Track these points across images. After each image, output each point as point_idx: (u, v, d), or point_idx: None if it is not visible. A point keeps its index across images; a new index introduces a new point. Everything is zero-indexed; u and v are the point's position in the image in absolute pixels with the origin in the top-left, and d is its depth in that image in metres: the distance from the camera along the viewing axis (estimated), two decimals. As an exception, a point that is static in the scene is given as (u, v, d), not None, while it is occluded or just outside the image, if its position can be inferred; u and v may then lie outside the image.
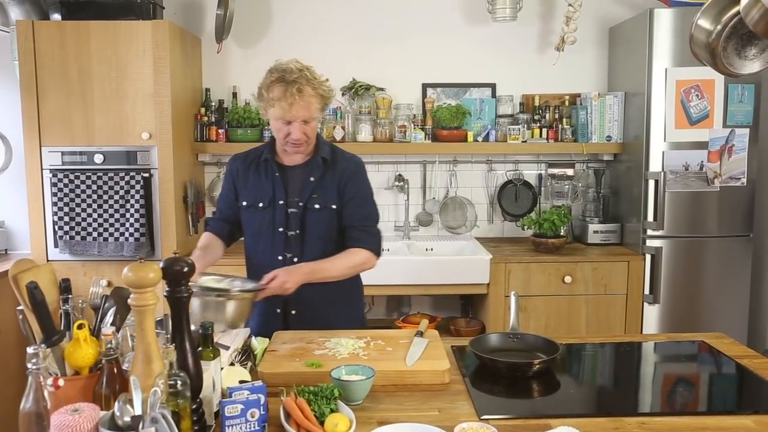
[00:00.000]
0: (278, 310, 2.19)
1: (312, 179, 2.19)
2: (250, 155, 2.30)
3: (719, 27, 1.91)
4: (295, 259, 2.17)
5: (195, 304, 1.89)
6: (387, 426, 1.45)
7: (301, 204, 2.17)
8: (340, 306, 2.25)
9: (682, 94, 3.34)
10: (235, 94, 3.80)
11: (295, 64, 2.11)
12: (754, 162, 3.41)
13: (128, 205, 3.25)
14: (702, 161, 3.38)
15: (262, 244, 2.22)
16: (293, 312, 2.19)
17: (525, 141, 3.73)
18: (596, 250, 3.58)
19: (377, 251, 2.22)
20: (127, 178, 3.24)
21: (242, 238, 2.34)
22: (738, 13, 1.80)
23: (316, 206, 2.17)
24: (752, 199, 3.44)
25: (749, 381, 1.83)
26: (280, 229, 2.18)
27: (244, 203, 2.23)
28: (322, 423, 1.45)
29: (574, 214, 3.88)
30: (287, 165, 2.22)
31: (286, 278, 2.01)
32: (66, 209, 3.24)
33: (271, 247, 2.19)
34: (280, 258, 2.18)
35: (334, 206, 2.19)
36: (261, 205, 2.19)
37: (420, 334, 2.00)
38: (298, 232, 2.17)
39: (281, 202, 2.18)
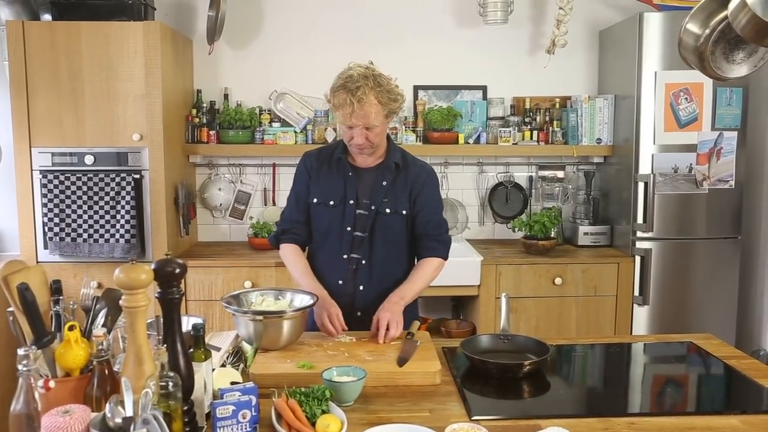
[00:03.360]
0: (340, 282, 2.20)
1: (384, 183, 2.19)
2: (322, 153, 2.28)
3: (707, 31, 1.94)
4: (363, 261, 2.18)
5: (249, 326, 1.89)
6: (378, 427, 1.46)
7: (373, 207, 2.18)
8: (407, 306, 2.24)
9: (671, 97, 3.37)
10: (226, 96, 3.80)
11: (361, 70, 2.08)
12: (742, 164, 3.44)
13: (119, 207, 3.24)
14: (691, 164, 3.41)
15: (329, 242, 2.22)
16: (359, 314, 2.20)
17: (516, 143, 3.74)
18: (586, 252, 3.60)
19: (447, 257, 2.26)
20: (117, 179, 3.23)
21: None
22: (726, 17, 1.82)
23: (387, 210, 2.18)
24: (740, 202, 3.47)
25: (737, 381, 1.85)
26: (348, 229, 2.18)
27: (315, 200, 2.22)
28: (313, 424, 1.45)
29: (565, 216, 3.89)
30: (360, 167, 2.23)
31: (392, 315, 2.01)
32: (56, 210, 3.23)
33: (338, 246, 2.20)
34: (345, 257, 2.19)
35: (404, 212, 2.20)
36: (332, 203, 2.20)
37: (411, 335, 2.01)
38: (367, 234, 2.18)
39: (351, 202, 2.18)
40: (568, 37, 3.66)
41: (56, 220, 3.23)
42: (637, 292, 3.46)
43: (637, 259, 3.45)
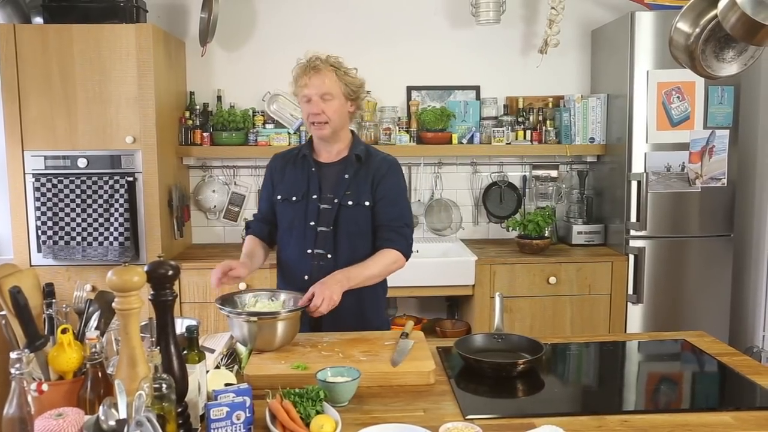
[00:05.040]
0: (306, 277, 2.19)
1: (346, 176, 2.21)
2: (289, 153, 2.35)
3: (698, 30, 1.95)
4: (329, 256, 2.18)
5: (245, 328, 1.88)
6: (372, 427, 1.46)
7: (336, 201, 2.19)
8: (370, 308, 2.26)
9: (664, 96, 3.38)
10: (219, 98, 3.79)
11: (323, 53, 2.21)
12: (734, 163, 3.46)
13: (112, 209, 3.23)
14: (683, 162, 3.42)
15: (293, 238, 2.24)
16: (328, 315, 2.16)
17: (509, 143, 3.75)
18: (580, 251, 3.61)
19: (407, 252, 2.23)
20: (111, 182, 3.23)
21: None
22: (716, 16, 1.83)
23: (350, 203, 2.19)
24: (732, 200, 3.49)
25: (730, 378, 1.85)
26: (311, 224, 2.20)
27: (279, 197, 2.27)
28: (307, 425, 1.45)
29: (558, 215, 3.90)
30: (323, 162, 2.26)
31: (329, 292, 1.98)
32: (49, 214, 3.22)
33: (302, 241, 2.21)
34: (309, 251, 2.19)
35: (367, 203, 2.20)
36: (294, 198, 2.23)
37: (405, 335, 2.01)
38: (330, 228, 2.18)
39: (314, 196, 2.21)
40: (560, 36, 3.68)
41: (49, 223, 3.22)
42: (630, 291, 3.47)
43: (631, 257, 3.46)
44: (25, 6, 3.37)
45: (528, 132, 3.79)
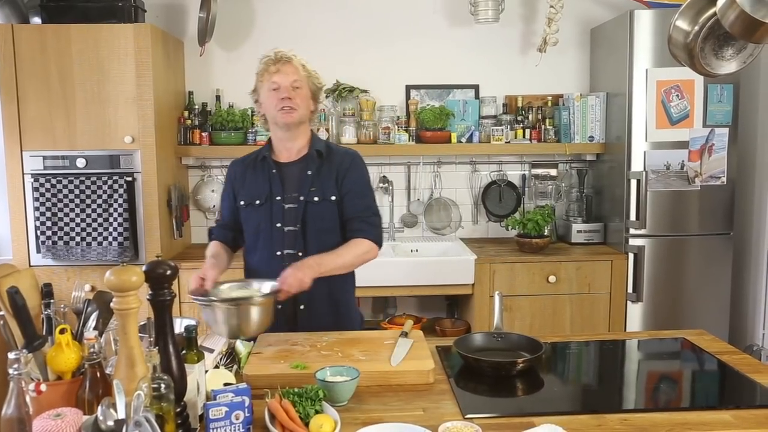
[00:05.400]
0: (278, 306, 2.13)
1: (309, 172, 2.20)
2: (248, 158, 2.33)
3: (696, 28, 1.95)
4: (300, 254, 2.16)
5: (219, 315, 1.89)
6: (372, 426, 1.46)
7: (301, 198, 2.18)
8: (347, 299, 2.28)
9: (663, 95, 3.38)
10: (218, 97, 3.79)
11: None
12: (734, 161, 3.46)
13: (111, 210, 3.23)
14: (683, 161, 3.42)
15: (260, 241, 2.22)
16: (302, 307, 2.18)
17: (508, 142, 3.75)
18: (580, 250, 3.61)
19: (378, 241, 2.23)
20: (110, 182, 3.22)
21: None
22: (715, 14, 1.83)
23: (316, 199, 2.18)
24: (732, 198, 3.49)
25: (730, 377, 1.85)
26: (278, 225, 2.19)
27: (242, 203, 2.25)
28: (307, 424, 1.45)
29: (558, 214, 3.90)
30: (284, 162, 2.24)
31: (300, 274, 1.99)
32: (48, 214, 3.22)
33: (270, 244, 2.19)
34: (278, 254, 2.18)
35: (333, 198, 2.19)
36: (258, 202, 2.21)
37: (405, 334, 2.01)
38: (298, 227, 2.17)
39: (278, 198, 2.19)
40: (559, 35, 3.67)
41: (48, 223, 3.22)
42: (630, 289, 3.46)
43: (630, 256, 3.46)
44: (23, 6, 3.37)
45: (527, 131, 3.79)
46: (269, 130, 2.28)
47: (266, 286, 2.04)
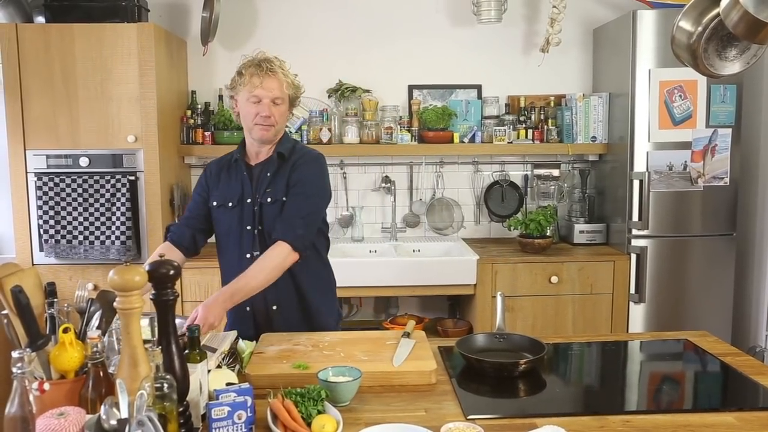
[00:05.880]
0: (247, 308, 2.17)
1: (268, 174, 2.19)
2: (223, 159, 2.32)
3: (700, 29, 1.94)
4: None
5: None
6: (374, 427, 1.46)
7: (259, 200, 2.17)
8: (320, 297, 2.26)
9: (666, 95, 3.37)
10: (221, 97, 3.79)
11: (270, 54, 2.23)
12: (737, 161, 3.45)
13: (114, 209, 3.23)
14: (686, 161, 3.41)
15: (231, 244, 2.22)
16: (275, 307, 2.18)
17: (511, 142, 3.75)
18: (582, 250, 3.60)
19: (296, 244, 2.06)
20: (112, 181, 3.23)
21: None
22: (718, 14, 1.83)
23: (269, 200, 2.16)
24: (735, 199, 3.48)
25: (733, 379, 1.85)
26: (248, 227, 2.18)
27: (215, 203, 2.24)
28: (309, 424, 1.45)
29: (560, 214, 3.90)
30: (253, 164, 2.24)
31: (205, 313, 1.87)
32: (51, 213, 3.22)
33: (238, 246, 2.19)
34: (248, 256, 2.16)
35: (284, 198, 2.16)
36: (230, 204, 2.20)
37: (407, 335, 2.01)
38: (260, 228, 2.17)
39: (249, 200, 2.18)
40: (562, 35, 3.67)
41: (51, 222, 3.22)
42: (633, 290, 3.46)
43: (633, 256, 3.46)
44: (27, 5, 3.38)
45: (530, 131, 3.78)
46: (240, 123, 2.25)
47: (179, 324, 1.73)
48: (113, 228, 3.23)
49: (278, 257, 2.05)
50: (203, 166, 3.81)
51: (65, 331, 1.39)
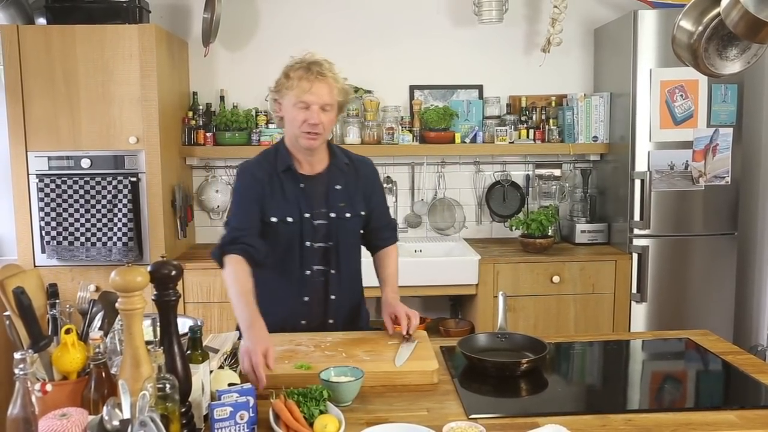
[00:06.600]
0: (306, 299, 2.11)
1: (338, 187, 2.12)
2: (263, 165, 2.12)
3: (700, 28, 1.94)
4: (332, 271, 2.12)
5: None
6: (376, 426, 1.46)
7: (332, 215, 2.09)
8: (361, 296, 2.29)
9: (667, 95, 3.37)
10: (222, 98, 3.79)
11: (320, 56, 2.07)
12: (738, 161, 3.45)
13: (116, 210, 3.23)
14: (687, 161, 3.41)
15: (289, 259, 2.09)
16: (333, 297, 2.15)
17: (512, 142, 3.75)
18: (584, 250, 3.60)
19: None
20: (114, 182, 3.23)
21: None
22: (719, 14, 1.83)
23: (347, 215, 2.12)
24: (736, 198, 3.48)
25: (734, 377, 1.85)
26: (307, 243, 2.08)
27: (274, 219, 2.06)
28: (311, 424, 1.45)
29: (562, 214, 3.90)
30: (308, 174, 2.11)
31: (409, 310, 2.03)
32: (53, 214, 3.23)
33: (299, 262, 2.09)
34: (308, 273, 2.10)
35: (363, 213, 2.17)
36: (290, 219, 2.07)
37: (409, 335, 2.01)
38: (331, 243, 2.10)
39: (307, 215, 2.07)
40: (563, 35, 3.67)
41: (53, 224, 3.23)
42: (634, 290, 3.46)
43: (635, 256, 3.45)
44: (28, 7, 3.38)
45: (531, 131, 3.78)
46: (281, 127, 2.14)
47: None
48: (115, 229, 3.23)
49: (396, 257, 2.27)
50: (205, 167, 3.84)
51: (67, 332, 1.40)
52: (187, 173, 3.81)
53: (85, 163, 3.25)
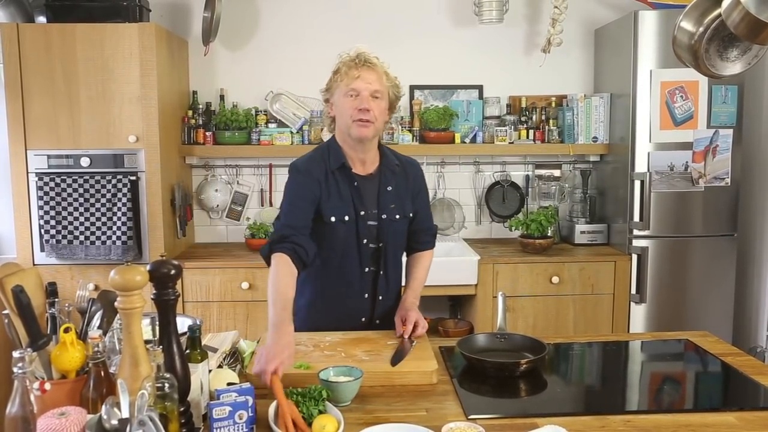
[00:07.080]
0: (366, 296, 2.14)
1: (389, 188, 2.11)
2: (318, 163, 2.08)
3: (701, 29, 1.94)
4: (381, 272, 2.13)
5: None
6: (375, 426, 1.46)
7: (384, 216, 2.09)
8: (398, 297, 2.27)
9: (667, 96, 3.37)
10: (222, 97, 3.79)
11: (366, 48, 2.11)
12: (738, 162, 3.45)
13: (115, 209, 3.23)
14: (687, 162, 3.41)
15: (348, 258, 2.09)
16: (377, 322, 2.18)
17: (512, 142, 3.75)
18: (583, 251, 3.60)
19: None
20: (114, 181, 3.23)
21: None
22: (720, 15, 1.83)
23: (397, 216, 2.12)
24: (736, 199, 3.48)
25: (734, 379, 1.85)
26: (364, 242, 2.08)
27: (332, 219, 2.04)
28: (310, 425, 1.45)
29: (561, 214, 3.90)
30: (361, 174, 2.10)
31: (420, 317, 2.08)
32: (52, 213, 3.22)
33: (357, 261, 2.09)
34: (366, 270, 2.11)
35: (411, 214, 2.18)
36: (347, 218, 2.05)
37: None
38: (381, 245, 2.11)
39: (362, 213, 2.07)
40: (563, 35, 3.67)
41: (52, 222, 3.22)
42: (634, 290, 3.46)
43: (634, 257, 3.45)
44: (28, 5, 3.38)
45: (531, 131, 3.78)
46: (332, 132, 2.13)
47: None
48: (114, 228, 3.23)
49: (429, 262, 2.28)
50: (204, 166, 3.83)
51: (66, 330, 1.39)
52: (187, 172, 3.81)
53: (85, 161, 3.25)
